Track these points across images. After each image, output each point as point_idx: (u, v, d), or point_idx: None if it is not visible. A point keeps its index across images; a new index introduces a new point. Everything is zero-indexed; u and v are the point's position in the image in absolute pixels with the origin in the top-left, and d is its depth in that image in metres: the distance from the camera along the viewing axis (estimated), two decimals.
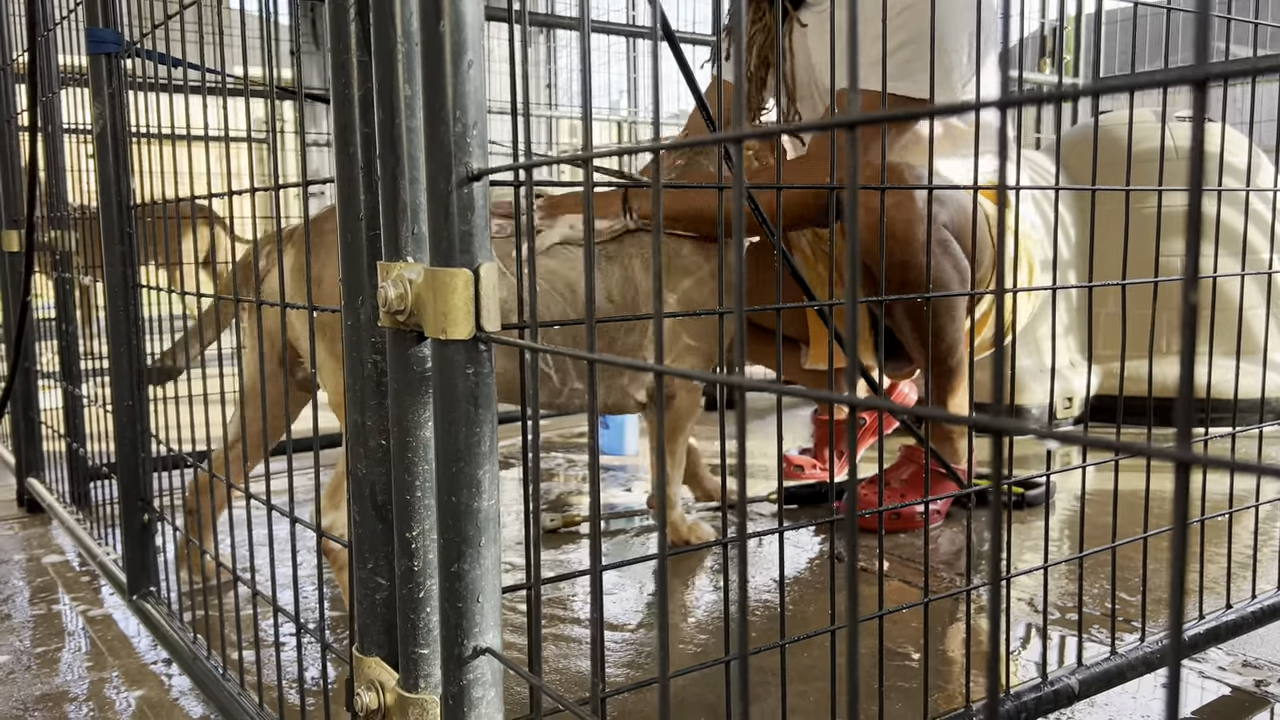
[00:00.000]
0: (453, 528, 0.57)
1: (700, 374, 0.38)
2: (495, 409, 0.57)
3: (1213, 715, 1.07)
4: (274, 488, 0.87)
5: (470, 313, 0.55)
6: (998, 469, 0.30)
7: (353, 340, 0.67)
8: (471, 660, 0.58)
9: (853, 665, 0.36)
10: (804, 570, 1.57)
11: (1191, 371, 0.24)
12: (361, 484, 0.68)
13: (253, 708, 0.96)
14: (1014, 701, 0.95)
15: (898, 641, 1.26)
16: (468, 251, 0.56)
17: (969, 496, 1.90)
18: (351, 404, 0.67)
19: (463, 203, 0.55)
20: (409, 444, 0.62)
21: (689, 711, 1.08)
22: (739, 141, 0.39)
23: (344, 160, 0.66)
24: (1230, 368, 2.35)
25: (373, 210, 0.65)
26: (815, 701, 1.09)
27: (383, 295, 0.58)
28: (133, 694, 1.17)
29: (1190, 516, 1.37)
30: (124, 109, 1.26)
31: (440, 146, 0.55)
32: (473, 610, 0.58)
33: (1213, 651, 1.21)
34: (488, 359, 0.57)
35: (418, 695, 0.63)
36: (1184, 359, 0.24)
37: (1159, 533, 1.07)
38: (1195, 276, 0.24)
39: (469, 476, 0.57)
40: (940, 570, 1.53)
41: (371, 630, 0.69)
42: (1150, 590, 1.35)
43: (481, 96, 0.56)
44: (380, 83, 0.61)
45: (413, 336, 0.60)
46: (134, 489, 1.26)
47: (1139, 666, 1.04)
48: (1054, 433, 0.30)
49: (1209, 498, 1.68)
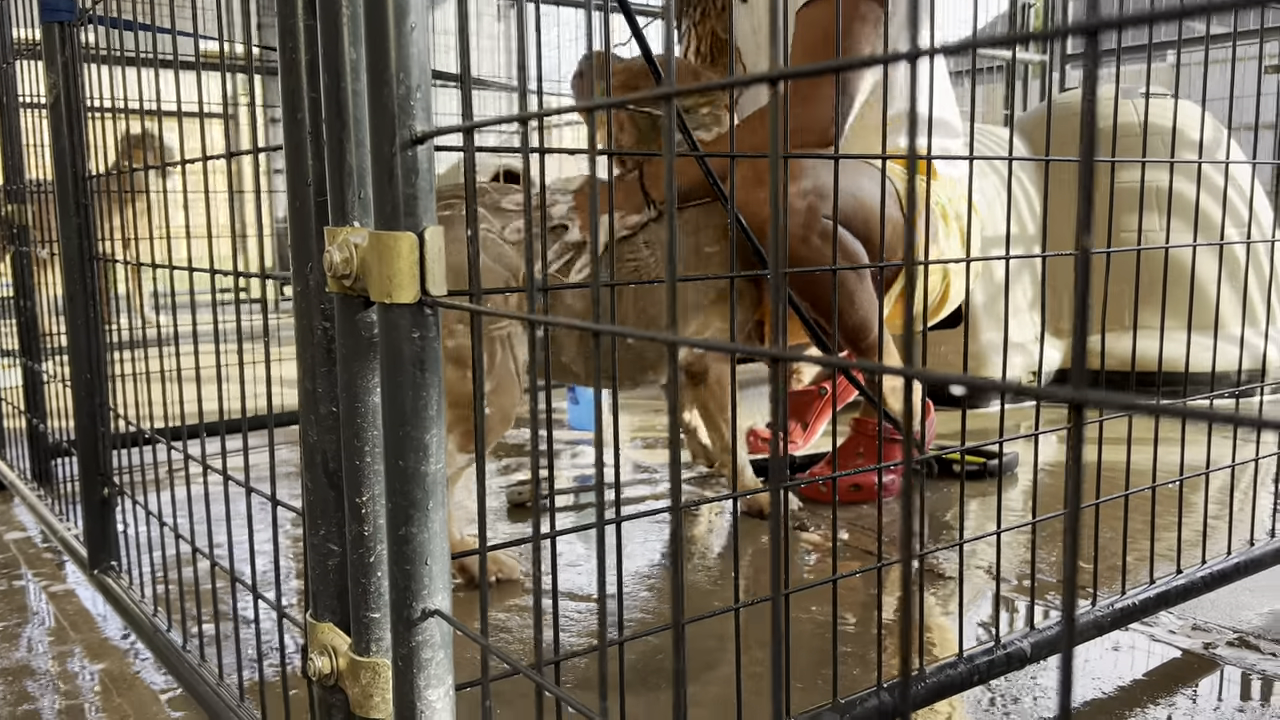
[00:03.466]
0: (400, 491, 0.58)
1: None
2: (441, 373, 0.58)
3: (1163, 677, 1.10)
4: (236, 464, 0.87)
5: (415, 276, 0.55)
6: (908, 417, 0.30)
7: (302, 307, 0.67)
8: (420, 622, 0.59)
9: (775, 633, 0.36)
10: (765, 541, 1.58)
11: (1084, 330, 0.24)
12: (313, 451, 0.68)
13: (213, 679, 0.96)
14: (967, 664, 0.96)
15: (854, 609, 1.28)
16: (412, 215, 0.56)
17: (926, 465, 1.92)
18: (302, 371, 0.67)
19: (407, 166, 0.55)
20: (357, 409, 0.62)
21: (651, 675, 1.09)
22: (671, 98, 0.39)
23: (291, 126, 0.66)
24: (1192, 341, 2.39)
25: (321, 176, 0.65)
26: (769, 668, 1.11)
27: (328, 260, 0.58)
28: (95, 667, 1.17)
29: (1142, 484, 1.40)
30: (78, 79, 1.25)
31: (384, 109, 0.55)
32: (421, 573, 0.58)
33: (1163, 615, 1.24)
34: (434, 323, 0.57)
35: (369, 659, 0.64)
36: (1078, 316, 0.25)
37: (1111, 499, 1.09)
38: (1088, 221, 0.24)
39: (416, 440, 0.57)
40: (899, 539, 1.55)
41: (324, 596, 0.69)
42: (1104, 558, 1.38)
43: (426, 60, 0.56)
44: (326, 46, 0.61)
45: (359, 302, 0.60)
46: (94, 464, 1.26)
47: (1090, 630, 1.06)
48: (970, 379, 0.30)
49: (1161, 467, 1.71)
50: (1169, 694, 1.05)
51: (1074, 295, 0.91)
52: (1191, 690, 1.06)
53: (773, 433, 0.36)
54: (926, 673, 0.94)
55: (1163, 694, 1.05)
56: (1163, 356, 1.10)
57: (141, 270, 1.09)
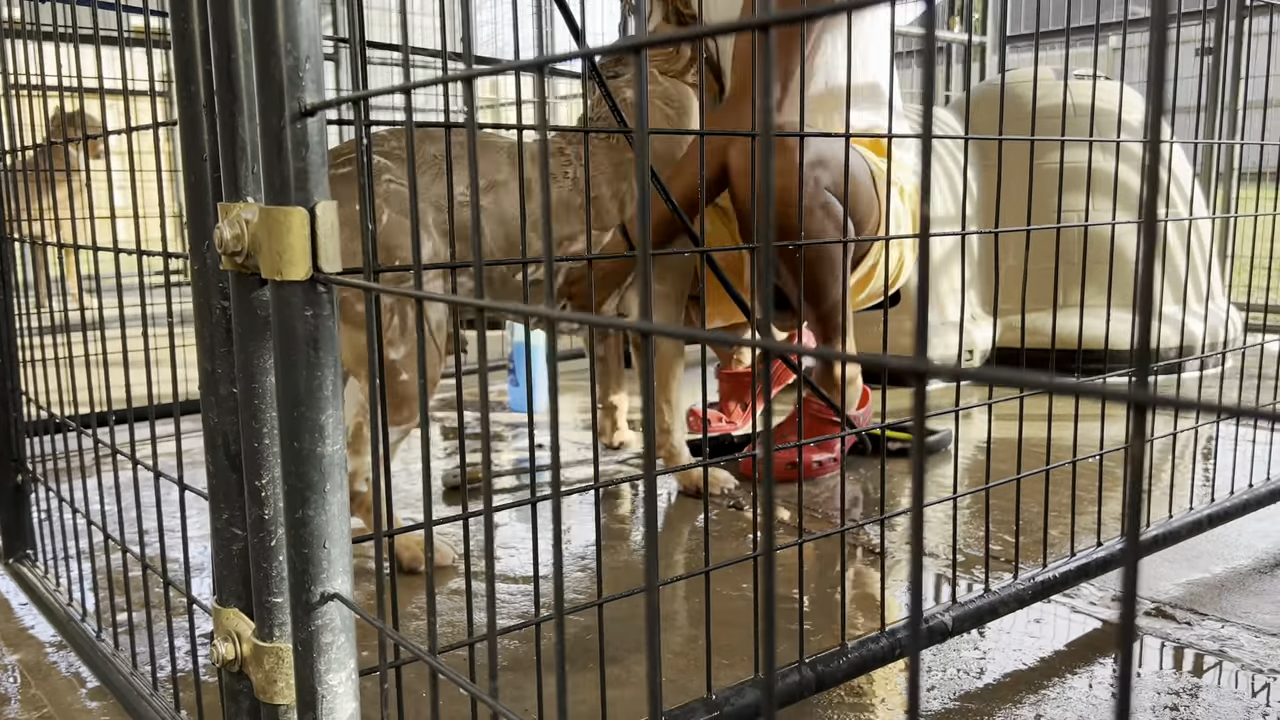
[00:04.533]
0: (296, 474, 0.56)
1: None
2: (337, 352, 0.56)
3: (1083, 647, 1.12)
4: (155, 451, 0.84)
5: (307, 252, 0.54)
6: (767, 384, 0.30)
7: (200, 286, 0.65)
8: (319, 606, 0.58)
9: (651, 626, 0.36)
10: (711, 520, 1.59)
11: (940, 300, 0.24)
12: (214, 433, 0.66)
13: (127, 668, 0.94)
14: (889, 638, 0.97)
15: (782, 585, 1.29)
16: (303, 189, 0.54)
17: (860, 442, 1.93)
18: (201, 352, 0.66)
19: (296, 139, 0.54)
20: (255, 390, 0.60)
21: (580, 655, 1.09)
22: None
23: (185, 99, 0.64)
24: (1115, 318, 2.43)
25: (216, 150, 0.63)
26: (701, 645, 1.11)
27: (219, 236, 0.57)
28: (11, 657, 1.14)
29: (1064, 459, 1.42)
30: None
31: (272, 81, 0.53)
32: (319, 556, 0.57)
33: (1084, 587, 1.26)
34: (328, 300, 0.55)
35: (272, 644, 0.63)
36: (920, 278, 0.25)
37: (1031, 474, 1.10)
38: (927, 191, 0.24)
39: (311, 421, 0.56)
40: (833, 516, 1.56)
41: (229, 581, 0.67)
42: (1027, 532, 1.40)
43: (315, 30, 0.54)
44: (216, 17, 0.59)
45: (254, 279, 0.58)
46: (6, 450, 1.22)
47: (1011, 603, 1.08)
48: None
49: (1083, 442, 1.74)
50: (1088, 664, 1.08)
51: (1021, 279, 0.91)
52: (1111, 660, 1.08)
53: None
54: (849, 647, 0.95)
55: (1082, 664, 1.08)
56: (1083, 334, 1.12)
57: (68, 252, 1.05)
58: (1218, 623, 1.16)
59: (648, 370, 0.35)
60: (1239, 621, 1.16)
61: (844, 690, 1.03)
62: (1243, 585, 1.27)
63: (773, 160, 0.29)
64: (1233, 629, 1.14)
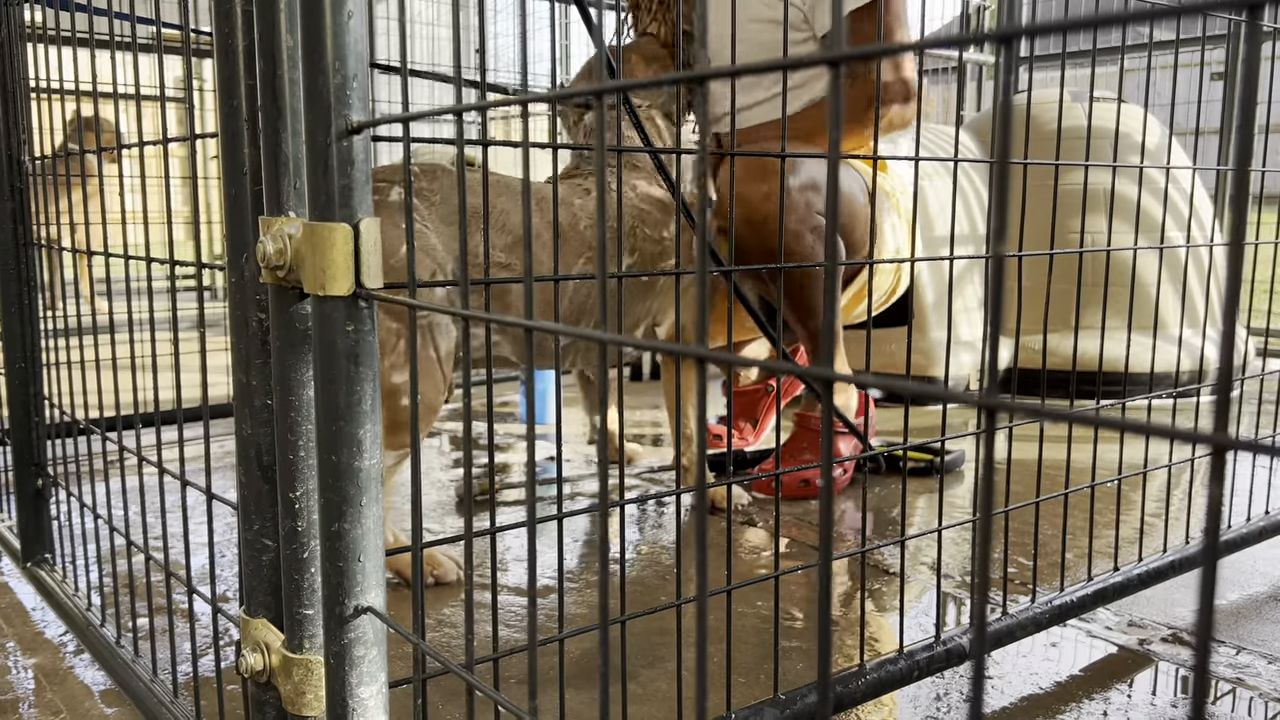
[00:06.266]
0: (333, 487, 0.57)
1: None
2: (377, 367, 0.57)
3: (1099, 672, 1.12)
4: (176, 456, 0.85)
5: (350, 269, 0.54)
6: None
7: (237, 298, 0.65)
8: (353, 619, 0.58)
9: (701, 626, 0.36)
10: (714, 536, 1.59)
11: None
12: (247, 444, 0.67)
13: (147, 674, 0.94)
14: (907, 660, 0.97)
15: (798, 604, 1.29)
16: (347, 206, 0.55)
17: (874, 462, 1.93)
18: (236, 363, 0.66)
19: (342, 156, 0.54)
20: (291, 403, 0.61)
21: (595, 672, 1.09)
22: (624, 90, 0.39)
23: (228, 113, 0.65)
24: (1134, 341, 2.43)
25: (257, 164, 0.63)
26: (718, 664, 1.11)
27: (261, 250, 0.57)
28: (29, 662, 1.14)
29: (1082, 483, 1.42)
30: (15, 59, 1.21)
31: (319, 98, 0.54)
32: (354, 570, 0.58)
33: (1100, 611, 1.26)
34: (369, 316, 0.56)
35: (302, 656, 0.63)
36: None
37: (1051, 498, 1.10)
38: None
39: (349, 435, 0.56)
40: (846, 535, 1.56)
41: (258, 592, 0.68)
42: (1044, 555, 1.40)
43: (363, 48, 0.55)
44: (262, 33, 0.59)
45: (294, 293, 0.59)
46: (27, 455, 1.23)
47: (1028, 626, 1.07)
48: (883, 383, 0.30)
49: (1101, 465, 1.74)
50: (1104, 689, 1.07)
51: (1028, 301, 0.92)
52: (1127, 686, 1.08)
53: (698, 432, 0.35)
54: (868, 668, 0.95)
55: (1098, 689, 1.07)
56: (1104, 356, 1.12)
57: (86, 256, 1.06)
58: (1234, 650, 1.16)
59: (698, 393, 0.35)
60: (1256, 649, 1.16)
61: (862, 709, 1.03)
62: (1259, 613, 1.27)
63: (836, 188, 0.30)
64: (1249, 656, 1.14)
